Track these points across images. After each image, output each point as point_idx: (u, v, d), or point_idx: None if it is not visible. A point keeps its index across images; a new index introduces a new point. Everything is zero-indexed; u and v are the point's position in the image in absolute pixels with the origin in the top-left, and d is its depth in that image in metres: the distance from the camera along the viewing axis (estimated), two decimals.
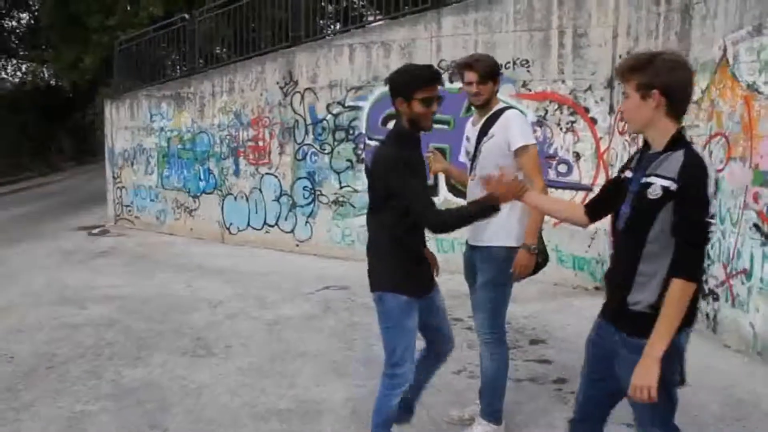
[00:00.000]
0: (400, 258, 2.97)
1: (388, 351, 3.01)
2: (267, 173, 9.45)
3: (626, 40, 6.50)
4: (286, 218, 9.27)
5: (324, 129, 8.76)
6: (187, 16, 11.15)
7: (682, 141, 2.27)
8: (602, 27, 6.81)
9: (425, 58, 7.76)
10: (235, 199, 9.93)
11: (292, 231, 9.18)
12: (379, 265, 3.03)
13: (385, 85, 3.04)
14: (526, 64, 7.17)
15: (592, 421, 2.66)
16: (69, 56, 15.87)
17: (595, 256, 6.82)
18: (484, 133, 3.41)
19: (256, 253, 9.18)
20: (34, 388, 4.26)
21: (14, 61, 26.29)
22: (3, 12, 24.32)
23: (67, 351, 4.97)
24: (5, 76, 26.70)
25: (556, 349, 4.94)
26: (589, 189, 6.58)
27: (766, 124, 4.50)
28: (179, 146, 10.82)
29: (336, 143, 8.67)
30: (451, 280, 4.28)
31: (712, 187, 2.18)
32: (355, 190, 8.50)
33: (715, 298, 5.01)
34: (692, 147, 2.27)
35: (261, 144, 9.50)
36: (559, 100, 6.99)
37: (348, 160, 8.57)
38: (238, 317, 5.90)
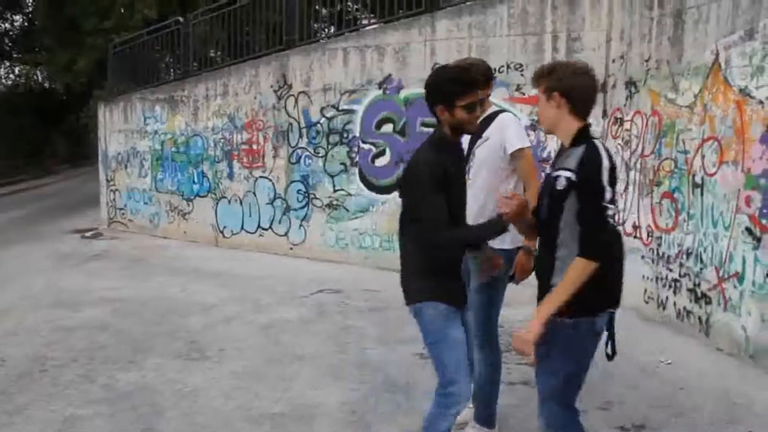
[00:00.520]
0: (433, 268, 2.82)
1: (439, 368, 2.83)
2: (261, 176, 9.45)
3: (619, 44, 6.53)
4: (280, 221, 9.26)
5: (318, 132, 8.76)
6: (182, 19, 11.14)
7: (584, 137, 2.54)
8: (596, 31, 6.84)
9: (419, 62, 7.79)
10: (229, 202, 9.92)
11: (286, 234, 9.17)
12: (413, 277, 2.86)
13: (422, 88, 2.95)
14: (520, 68, 7.19)
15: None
16: (63, 59, 15.82)
17: None
18: (478, 136, 3.42)
19: (250, 256, 9.17)
20: (28, 392, 4.24)
21: (7, 64, 26.20)
22: None
23: (61, 354, 4.95)
24: None
25: None
26: None
27: (758, 128, 4.52)
28: (173, 149, 10.80)
29: (330, 147, 8.67)
30: None
31: (606, 176, 2.43)
32: (349, 194, 8.50)
33: (708, 302, 5.03)
34: (593, 142, 2.53)
35: (255, 147, 9.49)
36: None
37: (342, 164, 8.57)
38: (232, 321, 5.89)
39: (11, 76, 26.52)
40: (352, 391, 4.23)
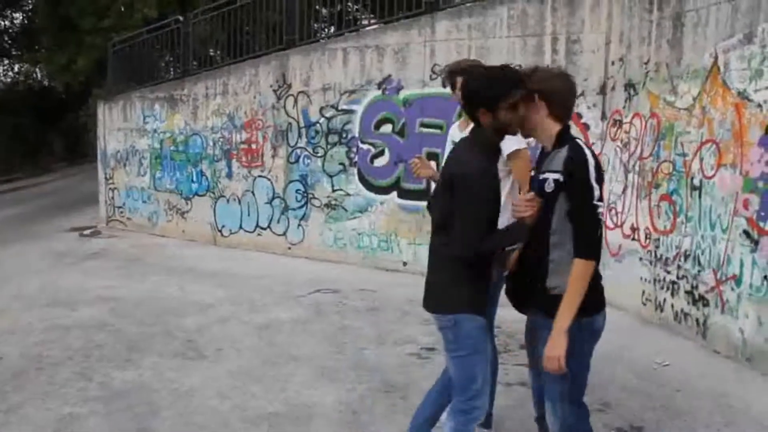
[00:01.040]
0: (473, 278, 2.71)
1: (467, 381, 2.73)
2: (260, 176, 9.44)
3: (619, 46, 6.53)
4: (279, 221, 9.26)
5: (317, 132, 8.76)
6: (181, 18, 11.13)
7: (566, 138, 2.57)
8: (595, 33, 6.84)
9: (419, 63, 7.79)
10: (228, 201, 9.91)
11: (285, 234, 9.17)
12: (452, 284, 2.72)
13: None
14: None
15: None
16: (62, 58, 15.80)
17: None
18: None
19: (248, 255, 9.16)
20: (23, 390, 4.23)
21: (7, 62, 26.16)
22: None
23: (57, 353, 4.94)
24: None
25: None
26: None
27: (756, 131, 4.53)
28: (172, 148, 10.79)
29: (329, 147, 8.67)
30: None
31: (593, 173, 2.46)
32: (348, 194, 8.50)
33: (705, 305, 5.03)
34: (576, 141, 2.58)
35: (254, 147, 9.49)
36: None
37: (341, 164, 8.57)
38: (229, 320, 5.89)
39: (10, 74, 26.51)
40: (349, 391, 4.23)
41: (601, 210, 2.49)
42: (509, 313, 2.96)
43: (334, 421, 3.80)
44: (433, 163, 4.24)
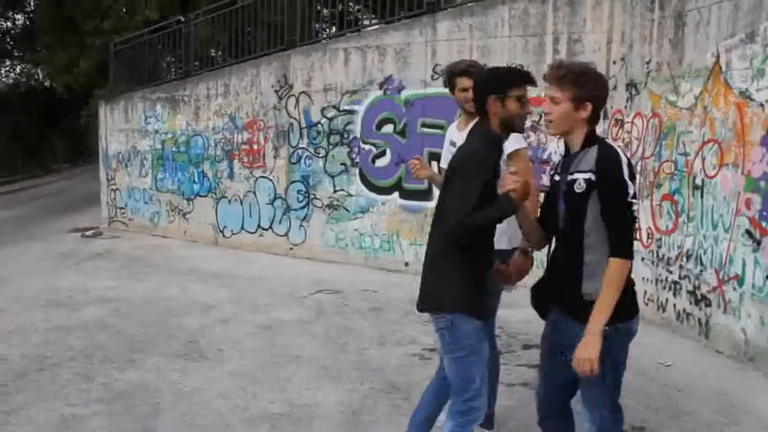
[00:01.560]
0: (469, 277, 2.69)
1: (464, 382, 2.71)
2: (261, 176, 9.45)
3: (620, 46, 6.52)
4: (280, 222, 9.26)
5: (319, 133, 8.76)
6: (183, 19, 11.14)
7: (594, 138, 2.52)
8: (597, 33, 6.84)
9: (420, 63, 7.79)
10: (230, 202, 9.92)
11: (286, 234, 9.17)
12: (447, 284, 2.69)
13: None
14: None
15: (553, 418, 2.77)
16: (63, 59, 15.81)
17: None
18: None
19: (249, 256, 9.17)
20: (25, 391, 4.23)
21: (8, 63, 26.20)
22: None
23: (59, 354, 4.94)
24: None
25: None
26: None
27: (758, 131, 4.52)
28: (174, 149, 10.80)
29: (330, 147, 8.67)
30: None
31: (627, 170, 2.39)
32: (349, 194, 8.50)
33: (708, 304, 5.02)
34: (605, 141, 2.55)
35: (255, 147, 9.49)
36: None
37: (342, 164, 8.57)
38: (231, 321, 5.89)
39: (12, 75, 26.56)
40: (351, 391, 4.23)
41: (636, 207, 2.41)
42: (511, 313, 2.96)
43: (336, 422, 3.80)
44: (434, 164, 4.24)
